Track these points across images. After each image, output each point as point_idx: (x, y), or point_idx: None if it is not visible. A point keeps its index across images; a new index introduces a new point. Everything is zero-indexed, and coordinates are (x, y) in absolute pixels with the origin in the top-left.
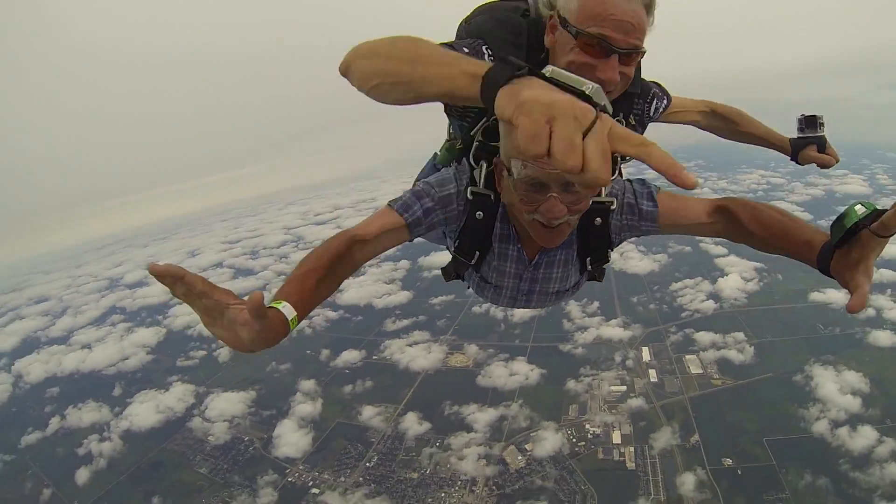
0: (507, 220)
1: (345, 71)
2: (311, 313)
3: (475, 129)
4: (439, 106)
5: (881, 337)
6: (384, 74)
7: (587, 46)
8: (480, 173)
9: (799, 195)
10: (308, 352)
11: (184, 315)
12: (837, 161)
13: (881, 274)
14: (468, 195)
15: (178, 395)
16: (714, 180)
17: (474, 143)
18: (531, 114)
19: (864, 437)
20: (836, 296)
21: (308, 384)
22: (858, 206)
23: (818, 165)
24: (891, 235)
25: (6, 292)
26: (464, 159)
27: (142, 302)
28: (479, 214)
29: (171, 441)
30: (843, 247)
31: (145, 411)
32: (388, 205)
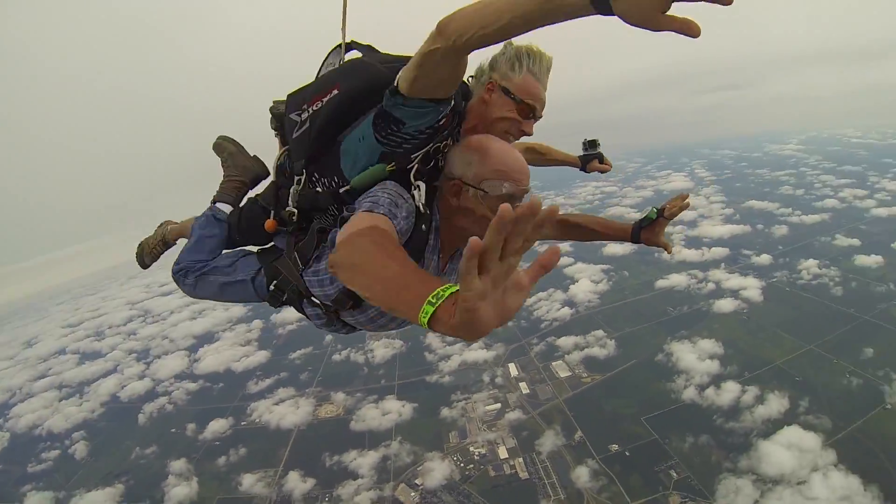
0: (437, 232)
1: (445, 27)
2: (171, 387)
3: (417, 153)
4: None
5: (724, 304)
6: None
7: (522, 111)
8: (421, 191)
9: (631, 198)
10: (173, 430)
11: (27, 413)
12: (611, 167)
13: (714, 252)
14: (420, 209)
15: None
16: (552, 197)
17: (414, 166)
18: None
19: (729, 391)
20: (678, 279)
21: (179, 464)
22: (653, 210)
23: (600, 172)
24: (672, 217)
25: None
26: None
27: None
28: (423, 227)
29: None
30: (647, 226)
31: None
32: (371, 210)
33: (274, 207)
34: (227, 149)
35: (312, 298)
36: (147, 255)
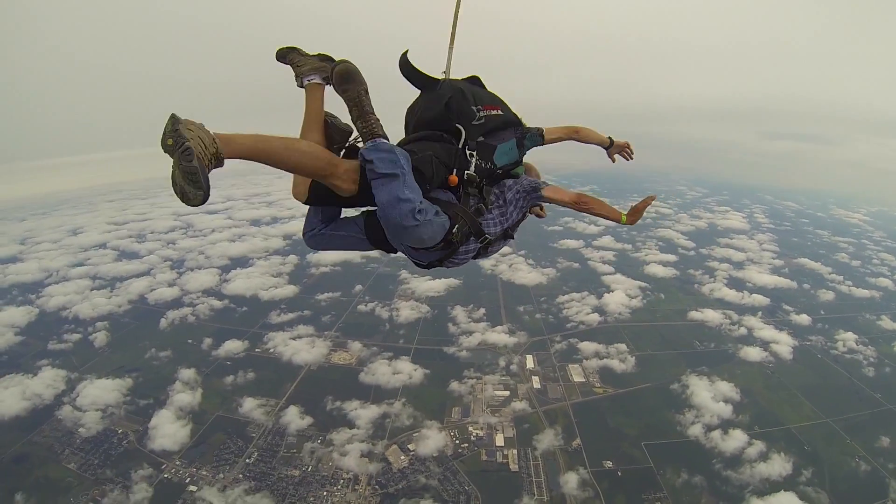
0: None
1: None
2: (197, 300)
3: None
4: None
5: (751, 353)
6: None
7: None
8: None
9: (684, 225)
10: (189, 341)
11: (59, 295)
12: (632, 157)
13: (754, 298)
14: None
15: (47, 381)
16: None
17: None
18: None
19: (736, 439)
20: (712, 315)
21: (188, 373)
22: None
23: (625, 157)
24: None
25: None
26: None
27: (14, 279)
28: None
29: (38, 433)
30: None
31: (10, 398)
32: (547, 183)
33: (457, 167)
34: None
35: (482, 237)
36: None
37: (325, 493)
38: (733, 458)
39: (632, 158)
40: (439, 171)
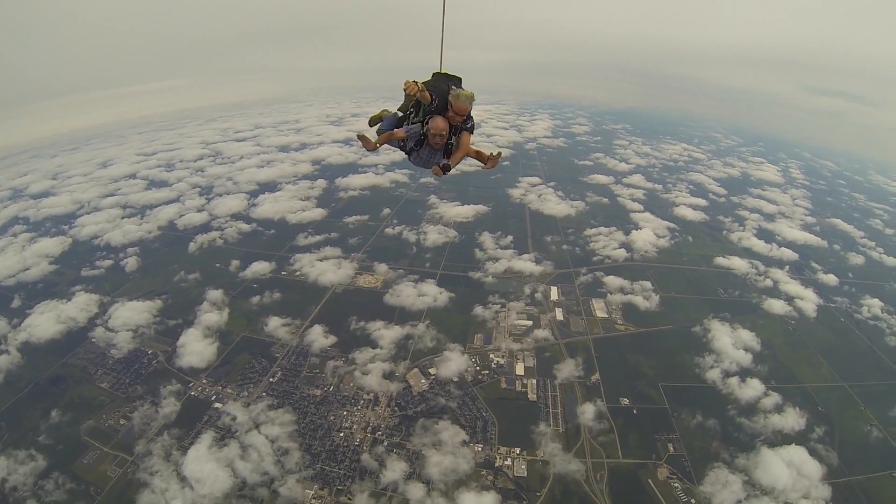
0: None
1: None
2: (225, 224)
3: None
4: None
5: (775, 305)
6: None
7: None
8: (422, 126)
9: (717, 172)
10: (217, 264)
11: (91, 224)
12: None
13: (783, 252)
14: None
15: (80, 305)
16: (639, 144)
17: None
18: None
19: (752, 388)
20: (739, 263)
21: (216, 294)
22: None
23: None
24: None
25: None
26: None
27: (47, 212)
28: (422, 137)
29: (73, 355)
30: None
31: (45, 322)
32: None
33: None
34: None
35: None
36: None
37: (344, 413)
38: (748, 406)
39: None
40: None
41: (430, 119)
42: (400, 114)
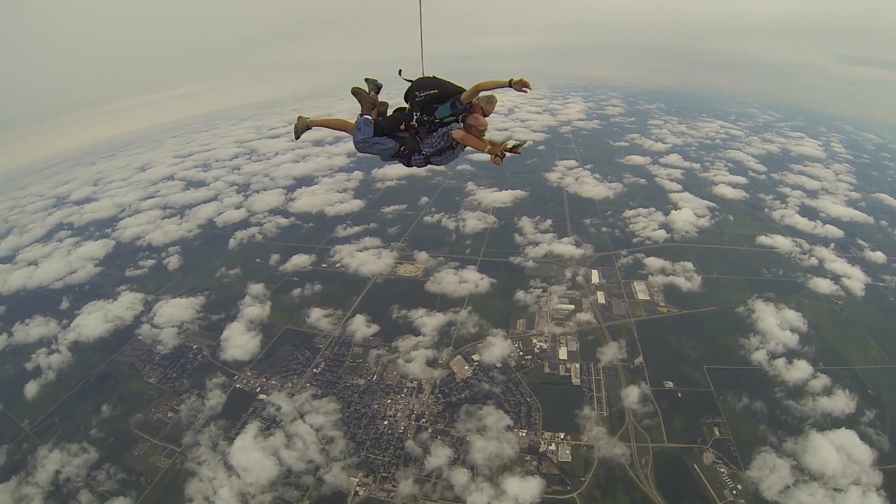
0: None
1: None
2: (264, 220)
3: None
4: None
5: (821, 284)
6: None
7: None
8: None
9: (755, 148)
10: (258, 260)
11: (133, 226)
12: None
13: (827, 229)
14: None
15: (126, 304)
16: (674, 123)
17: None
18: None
19: (800, 370)
20: (782, 241)
21: (257, 288)
22: (517, 144)
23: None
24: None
25: None
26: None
27: (90, 216)
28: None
29: (121, 353)
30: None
31: (93, 322)
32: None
33: (406, 121)
34: (361, 93)
35: (421, 152)
36: (299, 132)
37: (388, 401)
38: (796, 388)
39: (529, 89)
40: (393, 125)
41: (471, 116)
42: (369, 117)
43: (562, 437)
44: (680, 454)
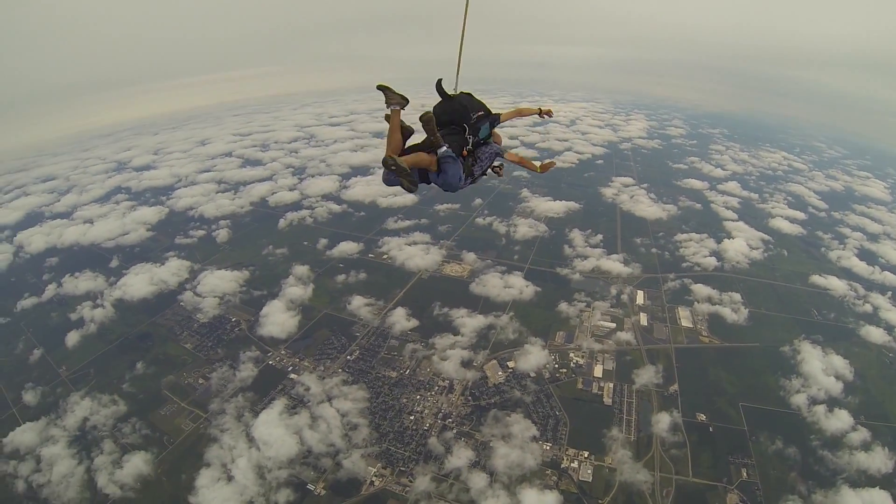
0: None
1: None
2: (316, 204)
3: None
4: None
5: (873, 333)
6: None
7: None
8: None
9: (818, 183)
10: (305, 242)
11: (187, 196)
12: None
13: (885, 276)
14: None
15: (172, 270)
16: (736, 150)
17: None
18: None
19: (840, 420)
20: (836, 283)
21: (302, 269)
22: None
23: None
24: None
25: (13, 172)
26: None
27: (148, 183)
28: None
29: (162, 315)
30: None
31: (139, 282)
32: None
33: (464, 144)
34: (389, 91)
35: (471, 175)
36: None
37: (417, 397)
38: (833, 439)
39: (549, 116)
40: (458, 149)
41: (495, 135)
42: (450, 152)
43: (585, 455)
44: (703, 491)
